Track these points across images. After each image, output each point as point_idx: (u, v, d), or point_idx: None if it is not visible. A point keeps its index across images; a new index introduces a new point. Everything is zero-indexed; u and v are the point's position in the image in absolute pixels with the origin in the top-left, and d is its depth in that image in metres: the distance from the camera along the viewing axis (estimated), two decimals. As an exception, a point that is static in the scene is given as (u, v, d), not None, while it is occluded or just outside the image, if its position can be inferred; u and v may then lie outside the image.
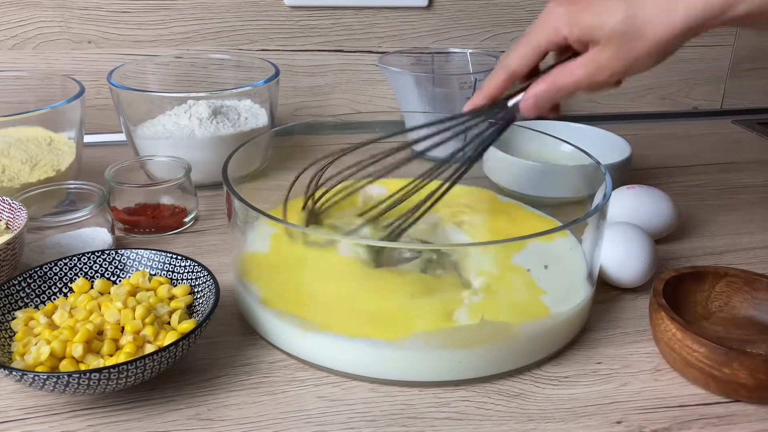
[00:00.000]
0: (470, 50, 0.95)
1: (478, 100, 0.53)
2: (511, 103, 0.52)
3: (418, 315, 0.51)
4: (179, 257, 0.56)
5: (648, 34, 0.44)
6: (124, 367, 0.44)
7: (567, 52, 0.49)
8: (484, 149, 0.53)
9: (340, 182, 0.55)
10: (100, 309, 0.52)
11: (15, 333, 0.51)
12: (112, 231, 0.66)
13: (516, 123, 0.53)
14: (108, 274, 0.57)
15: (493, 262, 0.53)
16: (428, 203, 0.53)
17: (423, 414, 0.47)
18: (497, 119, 0.53)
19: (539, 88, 0.49)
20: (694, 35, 0.44)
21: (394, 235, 0.54)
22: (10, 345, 0.50)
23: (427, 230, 0.61)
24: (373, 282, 0.52)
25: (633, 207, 0.67)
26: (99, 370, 0.43)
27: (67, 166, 0.73)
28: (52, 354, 0.47)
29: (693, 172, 0.89)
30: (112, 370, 0.44)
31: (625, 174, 0.76)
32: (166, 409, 0.47)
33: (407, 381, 0.50)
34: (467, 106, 0.53)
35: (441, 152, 0.54)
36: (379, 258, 0.53)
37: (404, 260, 0.53)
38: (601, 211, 0.52)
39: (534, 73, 0.51)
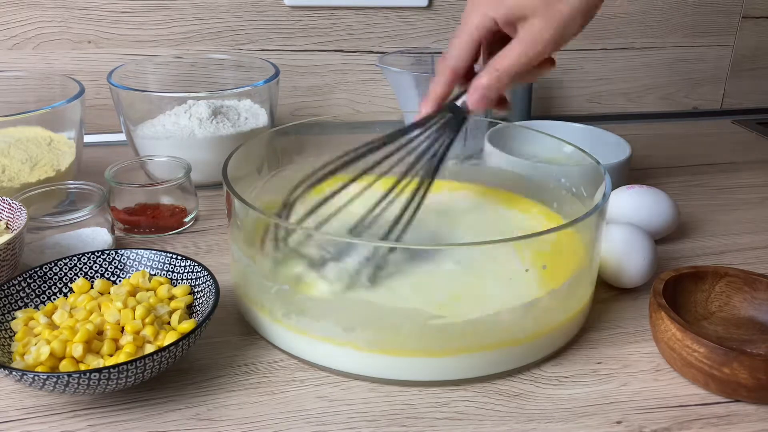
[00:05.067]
0: (470, 50, 0.95)
1: (426, 107, 0.54)
2: (459, 102, 0.53)
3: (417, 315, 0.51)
4: (179, 257, 0.56)
5: None
6: (124, 367, 0.44)
7: (496, 45, 0.51)
8: (443, 156, 0.54)
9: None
10: (100, 309, 0.52)
11: (15, 333, 0.51)
12: (112, 231, 0.66)
13: (471, 119, 0.55)
14: (108, 274, 0.57)
15: (492, 261, 0.53)
16: (406, 215, 0.54)
17: (423, 414, 0.47)
18: (449, 122, 0.54)
19: (482, 79, 0.50)
20: None
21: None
22: (10, 345, 0.50)
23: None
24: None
25: (633, 207, 0.67)
26: (99, 370, 0.43)
27: (67, 166, 0.73)
28: (52, 354, 0.47)
29: (693, 172, 0.89)
30: (112, 370, 0.44)
31: (625, 174, 0.76)
32: (166, 409, 0.47)
33: (407, 381, 0.50)
34: (417, 117, 0.54)
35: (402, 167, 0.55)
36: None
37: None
38: (601, 210, 0.52)
39: (472, 74, 0.52)
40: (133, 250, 0.57)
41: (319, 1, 0.94)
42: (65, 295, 0.55)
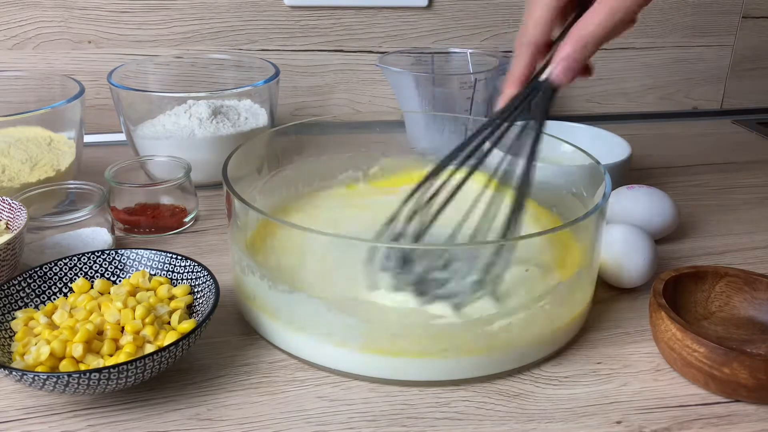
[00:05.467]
0: (470, 50, 0.95)
1: (510, 88, 0.50)
2: (542, 77, 0.49)
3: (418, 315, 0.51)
4: (179, 257, 0.56)
5: None
6: (124, 367, 0.44)
7: (572, 14, 0.48)
8: (538, 138, 0.50)
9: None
10: (100, 309, 0.52)
11: (15, 333, 0.51)
12: (112, 231, 0.66)
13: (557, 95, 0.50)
14: (108, 274, 0.57)
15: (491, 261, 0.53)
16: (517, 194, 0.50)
17: (423, 414, 0.47)
18: (536, 101, 0.50)
19: (565, 50, 0.47)
20: None
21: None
22: (10, 345, 0.50)
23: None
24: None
25: (633, 207, 0.67)
26: (99, 370, 0.43)
27: (67, 166, 0.73)
28: (52, 354, 0.47)
29: (693, 172, 0.89)
30: (112, 370, 0.44)
31: (625, 174, 0.76)
32: (166, 409, 0.47)
33: (407, 381, 0.50)
34: (501, 100, 0.51)
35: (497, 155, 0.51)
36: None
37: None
38: (601, 210, 0.52)
39: (549, 48, 0.49)
40: (133, 250, 0.57)
41: (319, 1, 0.94)
42: (65, 295, 0.55)
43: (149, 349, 0.49)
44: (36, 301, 0.54)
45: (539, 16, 0.48)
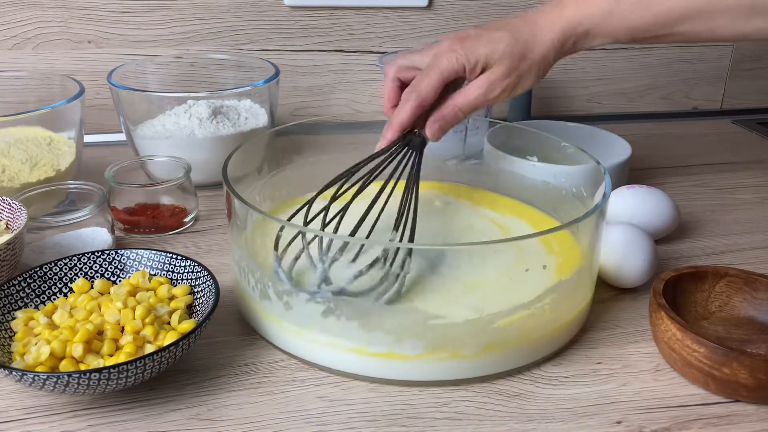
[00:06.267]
0: (470, 50, 0.95)
1: (390, 134, 0.57)
2: (419, 130, 0.57)
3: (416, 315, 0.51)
4: (179, 257, 0.56)
5: (529, 54, 0.55)
6: (124, 367, 0.44)
7: (457, 83, 0.56)
8: (416, 183, 0.56)
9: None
10: (100, 309, 0.52)
11: (15, 333, 0.51)
12: (112, 231, 0.66)
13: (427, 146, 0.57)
14: (108, 274, 0.57)
15: (492, 261, 0.53)
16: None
17: (423, 414, 0.47)
18: (410, 148, 0.57)
19: (442, 112, 0.56)
20: (568, 53, 0.56)
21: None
22: (10, 345, 0.50)
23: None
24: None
25: (633, 207, 0.67)
26: (99, 370, 0.43)
27: (67, 166, 0.73)
28: (52, 354, 0.47)
29: (693, 172, 0.89)
30: (112, 370, 0.44)
31: (625, 174, 0.76)
32: (166, 409, 0.47)
33: (407, 381, 0.50)
34: (382, 144, 0.57)
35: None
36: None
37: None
38: (601, 210, 0.52)
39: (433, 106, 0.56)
40: (133, 250, 0.57)
41: (319, 1, 0.94)
42: (65, 295, 0.55)
43: (149, 349, 0.49)
44: (36, 301, 0.54)
45: (432, 82, 0.55)
